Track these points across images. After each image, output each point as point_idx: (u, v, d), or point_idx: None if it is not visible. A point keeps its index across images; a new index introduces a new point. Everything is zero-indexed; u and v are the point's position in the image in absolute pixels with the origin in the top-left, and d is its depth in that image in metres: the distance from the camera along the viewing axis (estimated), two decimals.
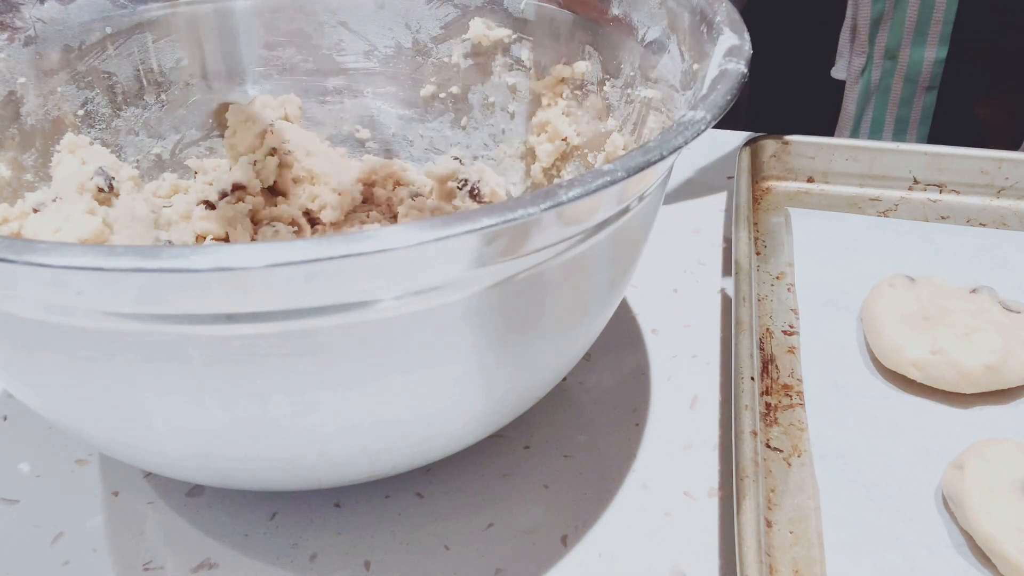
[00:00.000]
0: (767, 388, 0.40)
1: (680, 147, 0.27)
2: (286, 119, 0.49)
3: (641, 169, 0.25)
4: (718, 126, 0.29)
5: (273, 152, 0.47)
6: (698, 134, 0.27)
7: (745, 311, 0.40)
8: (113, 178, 0.44)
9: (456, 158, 0.49)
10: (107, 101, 0.46)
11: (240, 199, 0.46)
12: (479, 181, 0.47)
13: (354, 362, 0.26)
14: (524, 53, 0.48)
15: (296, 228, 0.46)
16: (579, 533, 0.35)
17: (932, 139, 0.68)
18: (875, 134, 0.69)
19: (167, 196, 0.47)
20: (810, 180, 0.54)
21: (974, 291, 0.42)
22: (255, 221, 0.45)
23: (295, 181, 0.47)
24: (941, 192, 0.52)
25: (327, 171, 0.47)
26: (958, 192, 0.52)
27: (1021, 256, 0.47)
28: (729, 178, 0.56)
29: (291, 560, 0.34)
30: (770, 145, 0.53)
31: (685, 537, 0.35)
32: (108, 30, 0.45)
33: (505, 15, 0.48)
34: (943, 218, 0.51)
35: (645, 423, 0.40)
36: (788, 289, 0.46)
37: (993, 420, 0.38)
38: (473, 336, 0.28)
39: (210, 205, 0.45)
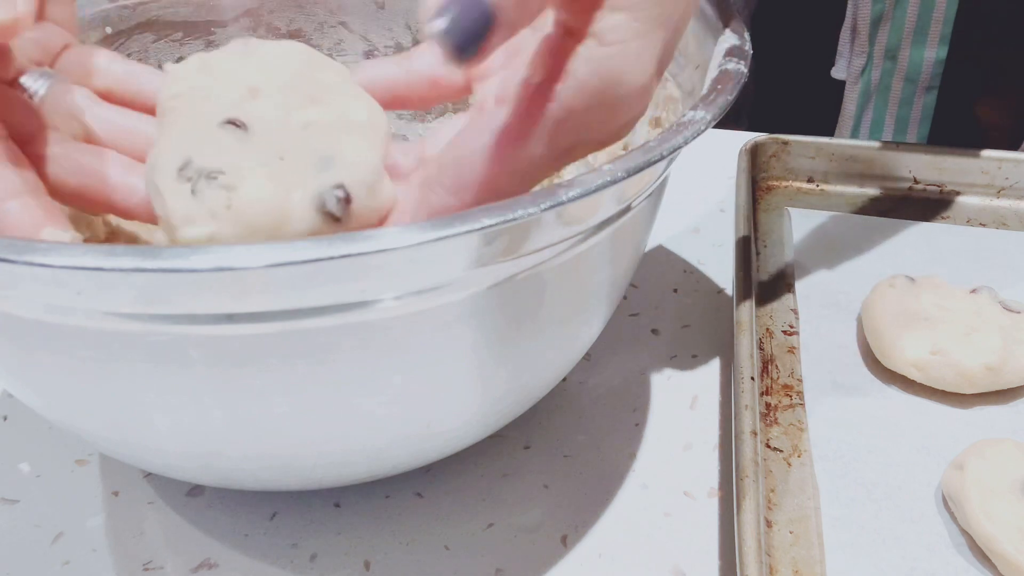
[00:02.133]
0: (767, 388, 0.40)
1: (680, 147, 0.27)
2: None
3: (641, 169, 0.25)
4: (719, 126, 0.29)
5: None
6: (698, 134, 0.27)
7: (745, 311, 0.40)
8: None
9: None
10: None
11: None
12: None
13: (354, 362, 0.26)
14: None
15: None
16: (579, 533, 0.35)
17: (932, 139, 0.68)
18: (875, 134, 0.69)
19: None
20: (810, 180, 0.54)
21: (974, 291, 0.42)
22: None
23: None
24: (941, 192, 0.52)
25: None
26: (958, 192, 0.52)
27: (1021, 256, 0.47)
28: (729, 178, 0.56)
29: (291, 560, 0.34)
30: (770, 145, 0.53)
31: (685, 537, 0.35)
32: (108, 30, 0.45)
33: None
34: (943, 218, 0.51)
35: (645, 423, 0.40)
36: (788, 289, 0.46)
37: (993, 420, 0.38)
38: (473, 336, 0.28)
39: None
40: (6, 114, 0.28)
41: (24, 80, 0.30)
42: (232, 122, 0.28)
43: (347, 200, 0.27)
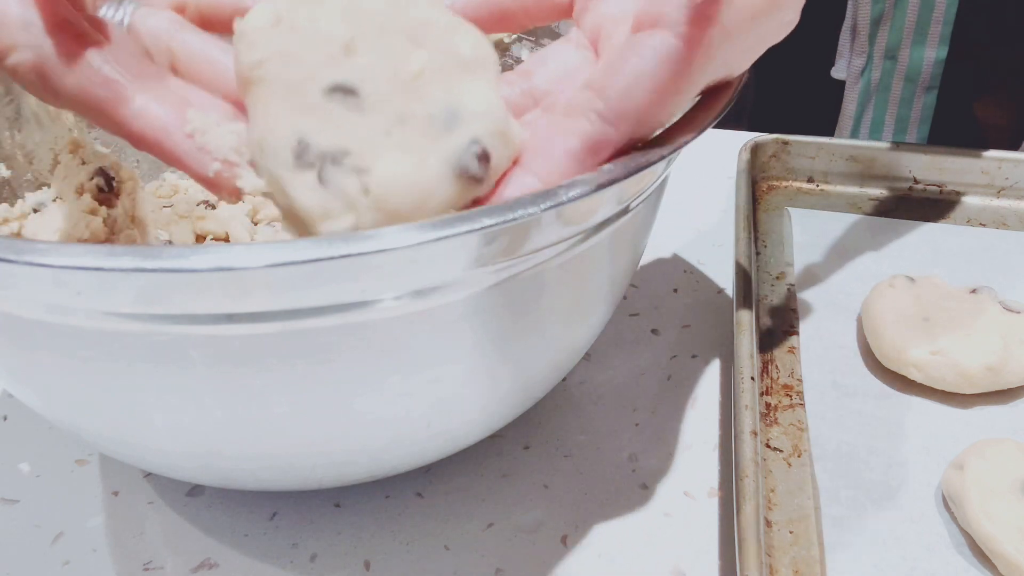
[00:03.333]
0: (767, 388, 0.40)
1: (680, 147, 0.27)
2: None
3: (641, 169, 0.25)
4: (719, 126, 0.29)
5: None
6: (698, 134, 0.27)
7: (745, 311, 0.40)
8: (113, 178, 0.43)
9: None
10: None
11: (240, 199, 0.45)
12: None
13: (354, 362, 0.26)
14: (524, 53, 0.48)
15: None
16: (579, 533, 0.35)
17: (932, 139, 0.68)
18: (875, 134, 0.69)
19: (167, 196, 0.47)
20: (810, 180, 0.54)
21: (974, 291, 0.42)
22: (255, 221, 0.45)
23: None
24: (941, 192, 0.52)
25: None
26: (958, 192, 0.52)
27: (1021, 256, 0.47)
28: (729, 178, 0.56)
29: (291, 560, 0.34)
30: (770, 145, 0.53)
31: (685, 537, 0.35)
32: None
33: None
34: (943, 218, 0.51)
35: (645, 423, 0.40)
36: (788, 289, 0.46)
37: (993, 420, 0.38)
38: (473, 336, 0.28)
39: (210, 205, 0.45)
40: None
41: (104, 11, 0.27)
42: (340, 88, 0.25)
43: (486, 157, 0.24)
